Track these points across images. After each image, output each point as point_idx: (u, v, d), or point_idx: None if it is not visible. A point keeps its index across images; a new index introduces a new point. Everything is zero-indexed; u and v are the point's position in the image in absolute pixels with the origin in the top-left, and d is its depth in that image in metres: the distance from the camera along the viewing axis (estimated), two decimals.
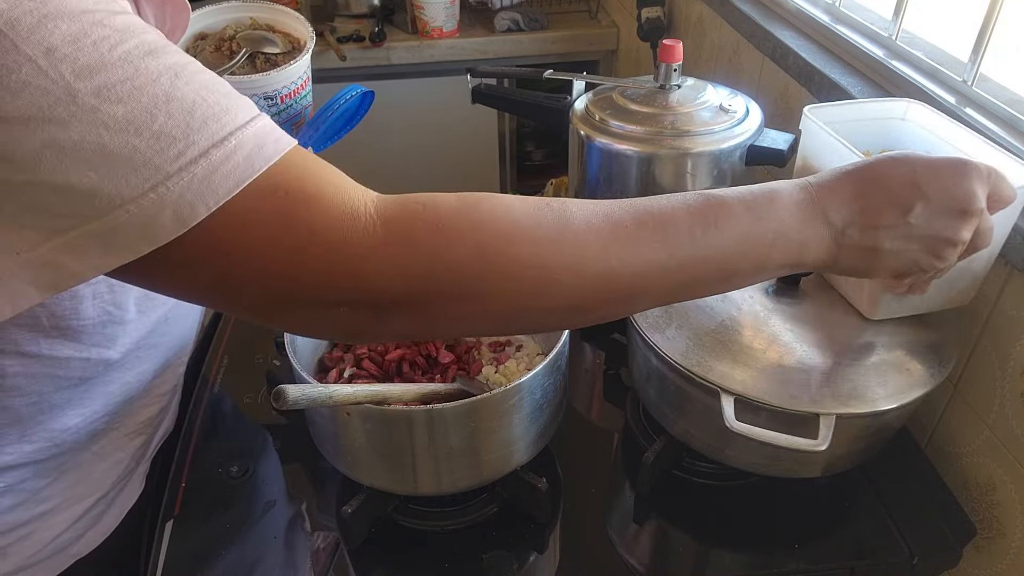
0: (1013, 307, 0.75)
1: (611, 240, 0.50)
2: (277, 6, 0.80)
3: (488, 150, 2.20)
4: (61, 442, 0.68)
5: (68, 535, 0.74)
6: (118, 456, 0.76)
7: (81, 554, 0.76)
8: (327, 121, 0.78)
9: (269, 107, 0.76)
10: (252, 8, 0.79)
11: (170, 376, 0.80)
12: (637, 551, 0.76)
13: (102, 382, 0.69)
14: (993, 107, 0.83)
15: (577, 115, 1.02)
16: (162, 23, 0.66)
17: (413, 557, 0.75)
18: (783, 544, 0.75)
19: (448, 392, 0.73)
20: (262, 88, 0.74)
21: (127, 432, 0.76)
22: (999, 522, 0.78)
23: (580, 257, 0.49)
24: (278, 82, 0.74)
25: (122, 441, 0.76)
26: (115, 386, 0.71)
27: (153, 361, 0.75)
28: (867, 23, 1.06)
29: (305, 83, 0.79)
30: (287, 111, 0.77)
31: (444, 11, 1.94)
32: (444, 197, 0.48)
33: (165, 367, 0.78)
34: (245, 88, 0.72)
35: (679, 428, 0.77)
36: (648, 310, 0.75)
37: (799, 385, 0.67)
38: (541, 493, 0.74)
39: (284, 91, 0.75)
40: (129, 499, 0.81)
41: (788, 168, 1.05)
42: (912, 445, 0.86)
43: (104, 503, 0.77)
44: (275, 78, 0.74)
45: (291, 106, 0.77)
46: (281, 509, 0.79)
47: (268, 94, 0.75)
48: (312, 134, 0.79)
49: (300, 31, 0.80)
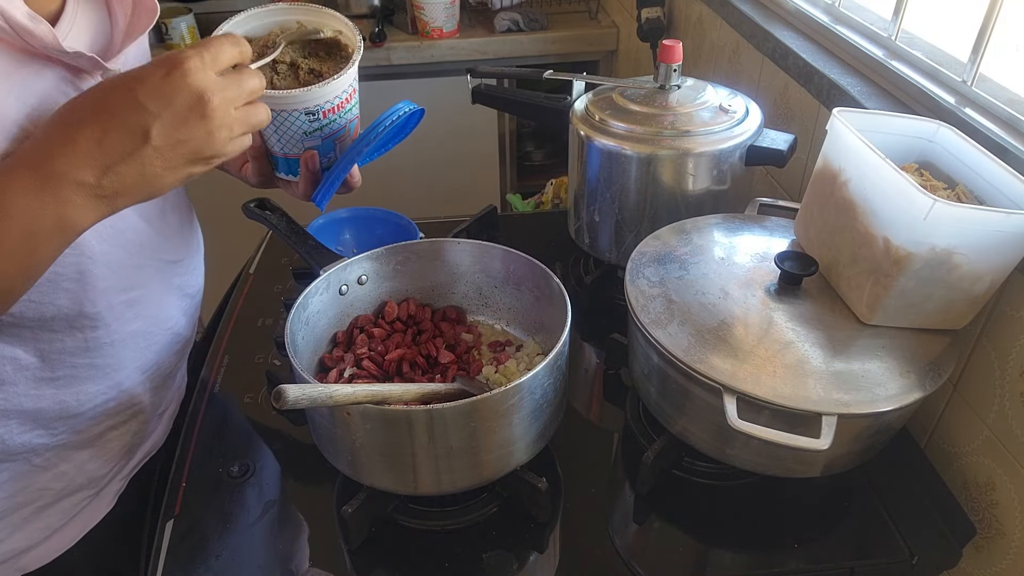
0: (1013, 307, 0.75)
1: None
2: (325, 9, 0.75)
3: (488, 150, 2.20)
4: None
5: (9, 546, 0.73)
6: (62, 468, 0.75)
7: (28, 568, 0.75)
8: (373, 143, 0.75)
9: (310, 122, 0.72)
10: (298, 11, 0.74)
11: (127, 399, 0.78)
12: (637, 551, 0.76)
13: (28, 394, 0.69)
14: (993, 107, 0.83)
15: (577, 115, 1.02)
16: (125, 22, 0.66)
17: (413, 557, 0.75)
18: (783, 544, 0.75)
19: (448, 392, 0.73)
20: (303, 103, 0.70)
21: (73, 446, 0.75)
22: (998, 522, 0.78)
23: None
24: (320, 97, 0.70)
25: (67, 454, 0.75)
26: (47, 402, 0.71)
27: (98, 381, 0.74)
28: (867, 23, 1.06)
29: (350, 96, 0.74)
30: (329, 126, 0.73)
31: (444, 11, 1.94)
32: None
33: (118, 388, 0.77)
34: (285, 104, 0.69)
35: (679, 426, 0.77)
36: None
37: (801, 384, 0.67)
38: (541, 493, 0.74)
39: (327, 106, 0.71)
40: (94, 517, 0.81)
41: (791, 168, 1.05)
42: (912, 445, 0.86)
43: (57, 516, 0.76)
44: (316, 93, 0.70)
45: (334, 121, 0.73)
46: (281, 509, 0.79)
47: (309, 109, 0.71)
48: (356, 155, 0.76)
49: (348, 37, 0.74)
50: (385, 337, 0.86)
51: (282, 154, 0.76)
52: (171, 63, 0.54)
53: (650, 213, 0.99)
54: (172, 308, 0.82)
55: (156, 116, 0.53)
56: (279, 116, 0.71)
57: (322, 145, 0.75)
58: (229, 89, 0.57)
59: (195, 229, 0.89)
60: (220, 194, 1.21)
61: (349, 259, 0.84)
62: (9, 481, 0.71)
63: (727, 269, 0.80)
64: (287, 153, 0.76)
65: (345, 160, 0.76)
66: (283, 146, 0.75)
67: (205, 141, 0.56)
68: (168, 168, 0.56)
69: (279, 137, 0.74)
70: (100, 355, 0.72)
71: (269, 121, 0.63)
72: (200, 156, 0.57)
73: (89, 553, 0.80)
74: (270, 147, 0.76)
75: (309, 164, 0.75)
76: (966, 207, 0.67)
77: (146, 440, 0.86)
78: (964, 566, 0.82)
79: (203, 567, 0.72)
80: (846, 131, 0.74)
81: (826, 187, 0.79)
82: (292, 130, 0.73)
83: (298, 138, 0.74)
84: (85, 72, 0.63)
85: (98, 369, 0.73)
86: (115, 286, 0.71)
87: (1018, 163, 0.73)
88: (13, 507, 0.72)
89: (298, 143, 0.74)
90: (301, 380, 0.68)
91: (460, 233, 1.14)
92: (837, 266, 0.77)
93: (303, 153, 0.74)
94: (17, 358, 0.66)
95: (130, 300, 0.74)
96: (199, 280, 0.90)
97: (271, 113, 0.70)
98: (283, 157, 0.76)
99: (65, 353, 0.69)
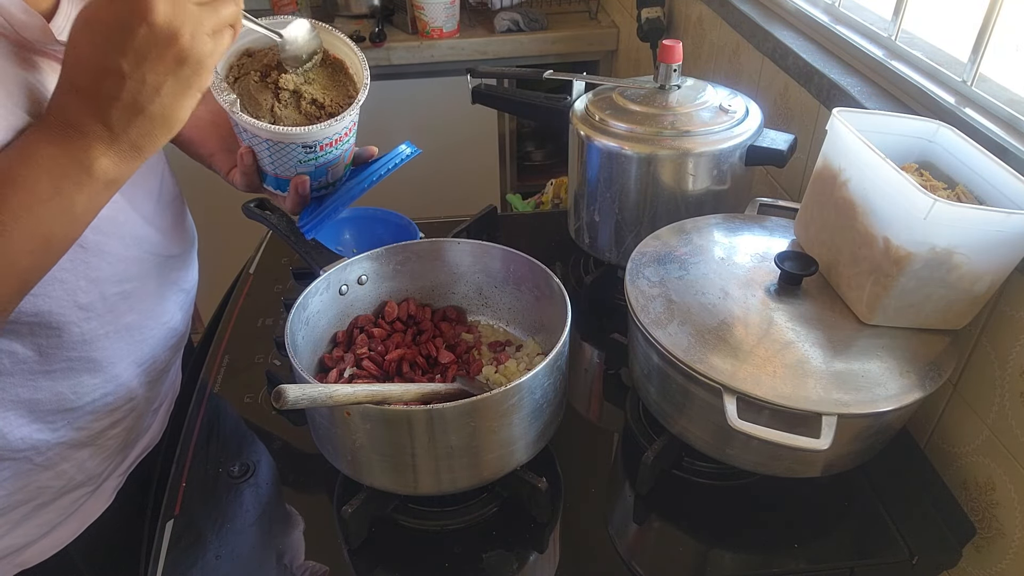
0: (1013, 307, 0.75)
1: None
2: (335, 31, 0.74)
3: (488, 150, 2.20)
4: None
5: (8, 542, 0.73)
6: (63, 467, 0.75)
7: (28, 564, 0.76)
8: (369, 185, 0.75)
9: (306, 154, 0.72)
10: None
11: (123, 392, 0.78)
12: (637, 551, 0.76)
13: (25, 385, 0.69)
14: (992, 107, 0.83)
15: (577, 115, 1.02)
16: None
17: (413, 557, 0.75)
18: (783, 544, 0.75)
19: (448, 392, 0.73)
20: (302, 139, 0.70)
21: (73, 444, 0.75)
22: (998, 522, 0.78)
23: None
24: (321, 135, 0.70)
25: (67, 452, 0.75)
26: (44, 394, 0.71)
27: (94, 374, 0.74)
28: (867, 23, 1.06)
29: (349, 131, 0.74)
30: (324, 156, 0.73)
31: (444, 11, 1.94)
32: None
33: (115, 382, 0.77)
34: (284, 139, 0.69)
35: (679, 426, 0.77)
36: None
37: (801, 384, 0.67)
38: (541, 493, 0.74)
39: (325, 141, 0.72)
40: (92, 513, 0.81)
41: (791, 168, 1.05)
42: (912, 445, 0.86)
43: (56, 512, 0.76)
44: (317, 132, 0.70)
45: (330, 152, 0.73)
46: (281, 509, 0.79)
47: (307, 144, 0.71)
48: (350, 199, 0.77)
49: (355, 65, 0.73)
50: (385, 337, 0.86)
51: (273, 174, 0.76)
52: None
53: (650, 213, 0.99)
54: (167, 302, 0.82)
55: (115, 46, 0.52)
56: (276, 146, 0.71)
57: (314, 172, 0.75)
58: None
59: (189, 224, 0.90)
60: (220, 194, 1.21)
61: (349, 259, 0.84)
62: (10, 479, 0.71)
63: (727, 269, 0.80)
64: (279, 175, 0.76)
65: (341, 200, 0.78)
66: (275, 168, 0.75)
67: (174, 49, 0.53)
68: (158, 92, 0.54)
69: (272, 161, 0.74)
70: (95, 347, 0.72)
71: (239, 12, 0.58)
72: (180, 62, 0.53)
73: (88, 549, 0.80)
74: (262, 166, 0.76)
75: (299, 189, 0.76)
76: (966, 207, 0.67)
77: (142, 436, 0.86)
78: (964, 566, 0.82)
79: (203, 567, 0.72)
80: (846, 131, 0.74)
81: (826, 187, 0.79)
82: (288, 159, 0.73)
83: (292, 165, 0.74)
84: None
85: (94, 362, 0.73)
86: (110, 277, 0.71)
87: (1018, 163, 0.73)
88: (13, 504, 0.72)
89: (291, 168, 0.74)
90: (301, 380, 0.68)
91: (460, 233, 1.14)
92: (837, 266, 0.77)
93: (295, 177, 0.75)
94: (14, 352, 0.67)
95: (124, 292, 0.74)
96: (194, 275, 0.90)
97: (267, 144, 0.70)
98: (274, 176, 0.77)
99: (61, 346, 0.69)
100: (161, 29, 0.51)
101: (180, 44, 0.53)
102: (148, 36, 0.51)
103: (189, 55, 0.54)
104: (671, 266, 0.81)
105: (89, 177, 0.55)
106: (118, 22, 0.51)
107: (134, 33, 0.51)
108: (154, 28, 0.51)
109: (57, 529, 0.77)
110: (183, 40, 0.53)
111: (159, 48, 0.52)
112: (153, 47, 0.52)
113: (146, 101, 0.54)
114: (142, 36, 0.51)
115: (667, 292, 0.78)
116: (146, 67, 0.52)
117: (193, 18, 0.53)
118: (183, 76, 0.54)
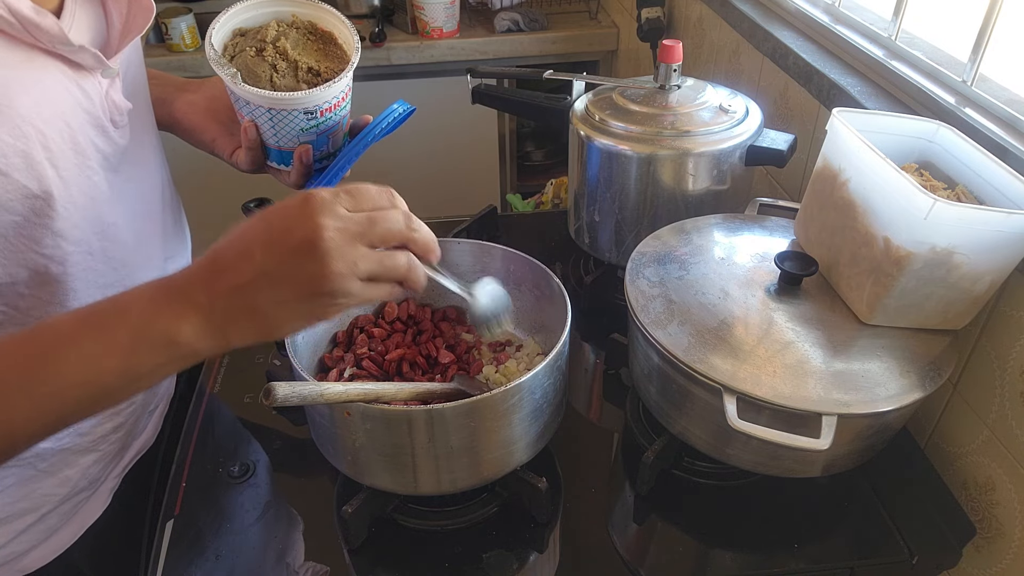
0: (1012, 307, 0.75)
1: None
2: (322, 4, 0.77)
3: (488, 150, 2.20)
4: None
5: (10, 549, 0.73)
6: (67, 473, 0.75)
7: (29, 569, 0.75)
8: (369, 143, 0.76)
9: (308, 120, 0.74)
10: (294, 3, 0.76)
11: None
12: (637, 551, 0.76)
13: None
14: (993, 107, 0.83)
15: (577, 115, 1.02)
16: (121, 22, 0.66)
17: (413, 557, 0.75)
18: (783, 544, 0.75)
19: (444, 391, 0.73)
20: (303, 104, 0.72)
21: (76, 449, 0.75)
22: (998, 522, 0.78)
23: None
24: (320, 98, 0.72)
25: (70, 458, 0.75)
26: None
27: None
28: (867, 23, 1.06)
29: (346, 95, 0.77)
30: (324, 123, 0.75)
31: (444, 11, 1.94)
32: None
33: None
34: (286, 104, 0.71)
35: (679, 426, 0.77)
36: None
37: (801, 384, 0.67)
38: (541, 493, 0.74)
39: (324, 105, 0.74)
40: (90, 515, 0.80)
41: (791, 168, 1.05)
42: (912, 445, 0.86)
43: (57, 518, 0.76)
44: (316, 96, 0.71)
45: (329, 118, 0.75)
46: (281, 509, 0.79)
47: (308, 109, 0.73)
48: (354, 155, 0.77)
49: (344, 35, 0.76)
50: (385, 337, 0.86)
51: (276, 147, 0.77)
52: (302, 200, 0.52)
53: (650, 213, 0.99)
54: None
55: (266, 242, 0.51)
56: (278, 114, 0.73)
57: (316, 140, 0.77)
58: (351, 222, 0.52)
59: (185, 227, 0.90)
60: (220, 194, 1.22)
61: None
62: (14, 486, 0.71)
63: (727, 269, 0.80)
64: (281, 146, 0.77)
65: (344, 158, 0.78)
66: (279, 140, 0.76)
67: (318, 275, 0.51)
68: (278, 303, 0.52)
69: (275, 132, 0.75)
70: None
71: (410, 269, 0.57)
72: (316, 291, 0.52)
73: (88, 552, 0.80)
74: (265, 140, 0.77)
75: (303, 158, 0.76)
76: (966, 207, 0.67)
77: (137, 438, 0.86)
78: (964, 566, 0.82)
79: (203, 567, 0.72)
80: (846, 131, 0.74)
81: (826, 187, 0.79)
82: (290, 127, 0.74)
83: (294, 134, 0.75)
84: (86, 69, 0.63)
85: None
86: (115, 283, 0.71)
87: (1018, 163, 0.73)
88: (18, 513, 0.72)
89: (294, 138, 0.76)
90: (300, 380, 0.68)
91: (460, 233, 1.14)
92: (837, 266, 0.77)
93: (298, 147, 0.76)
94: None
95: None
96: None
97: (269, 114, 0.71)
98: (277, 149, 0.77)
99: None
100: (319, 253, 0.50)
101: (325, 274, 0.51)
102: (302, 252, 0.50)
103: (327, 289, 0.52)
104: (671, 266, 0.81)
105: (167, 344, 0.52)
106: (286, 224, 0.51)
107: (292, 242, 0.51)
108: (312, 249, 0.50)
109: (57, 533, 0.77)
110: (331, 272, 0.51)
111: (300, 239, 0.51)
112: (297, 238, 0.51)
113: (263, 303, 0.52)
114: (297, 248, 0.50)
115: (667, 292, 0.78)
116: (284, 276, 0.51)
117: (352, 256, 0.52)
118: (311, 305, 0.53)
